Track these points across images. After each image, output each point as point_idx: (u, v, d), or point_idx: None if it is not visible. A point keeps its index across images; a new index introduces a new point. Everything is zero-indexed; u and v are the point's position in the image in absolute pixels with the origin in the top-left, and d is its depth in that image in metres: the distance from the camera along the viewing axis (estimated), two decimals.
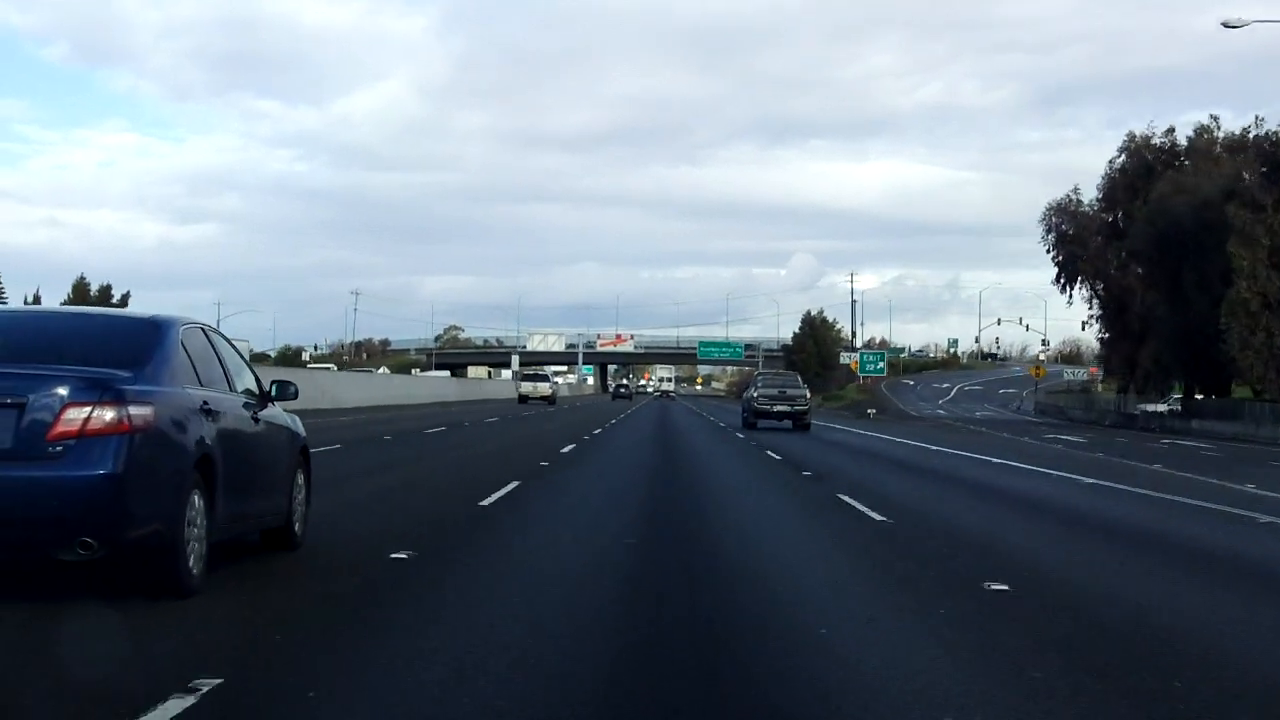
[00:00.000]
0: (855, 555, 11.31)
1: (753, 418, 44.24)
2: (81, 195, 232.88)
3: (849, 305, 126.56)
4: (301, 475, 10.33)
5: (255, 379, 9.77)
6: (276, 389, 9.97)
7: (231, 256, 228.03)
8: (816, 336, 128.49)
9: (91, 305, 61.26)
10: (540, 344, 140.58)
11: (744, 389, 63.33)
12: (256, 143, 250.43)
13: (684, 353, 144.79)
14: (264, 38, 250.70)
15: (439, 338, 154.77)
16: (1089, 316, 74.67)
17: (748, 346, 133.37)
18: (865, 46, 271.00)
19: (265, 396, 9.72)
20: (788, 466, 23.55)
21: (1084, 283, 72.97)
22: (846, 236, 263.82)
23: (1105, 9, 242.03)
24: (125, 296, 68.50)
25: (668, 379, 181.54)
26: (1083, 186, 73.67)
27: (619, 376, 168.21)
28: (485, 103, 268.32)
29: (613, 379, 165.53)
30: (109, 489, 7.08)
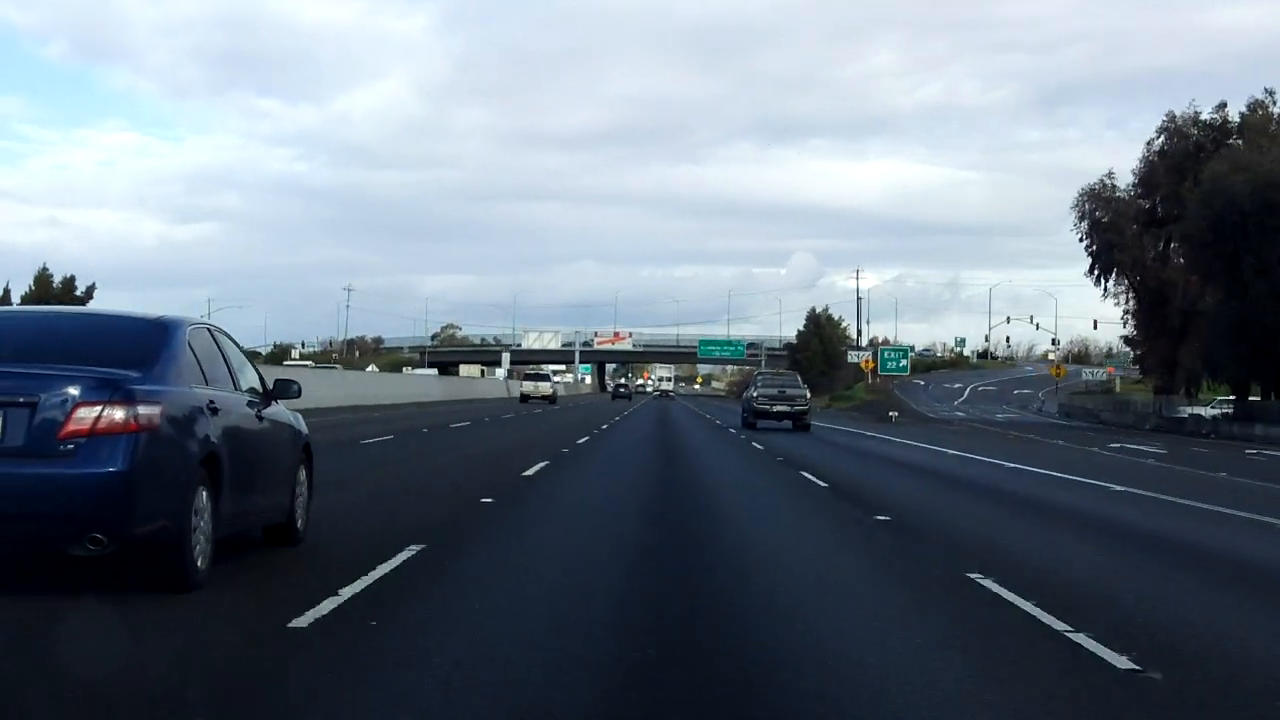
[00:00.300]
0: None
1: (752, 417, 44.38)
2: (81, 195, 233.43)
3: (850, 304, 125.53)
4: (304, 472, 10.51)
5: (259, 378, 9.95)
6: (279, 387, 10.14)
7: (231, 255, 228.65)
8: (822, 335, 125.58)
9: (53, 298, 61.36)
10: (536, 342, 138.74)
11: (744, 389, 63.09)
12: (256, 141, 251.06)
13: (684, 351, 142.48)
14: (264, 36, 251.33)
15: (435, 336, 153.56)
16: (1125, 311, 69.42)
17: (750, 345, 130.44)
18: (865, 46, 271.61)
19: (268, 395, 9.89)
20: (846, 501, 16.37)
21: (1119, 274, 67.60)
22: (846, 236, 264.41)
23: (1105, 9, 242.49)
24: (90, 289, 67.92)
25: (667, 378, 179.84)
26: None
27: (618, 376, 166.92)
28: (485, 102, 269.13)
29: (611, 378, 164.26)
30: (118, 486, 7.26)
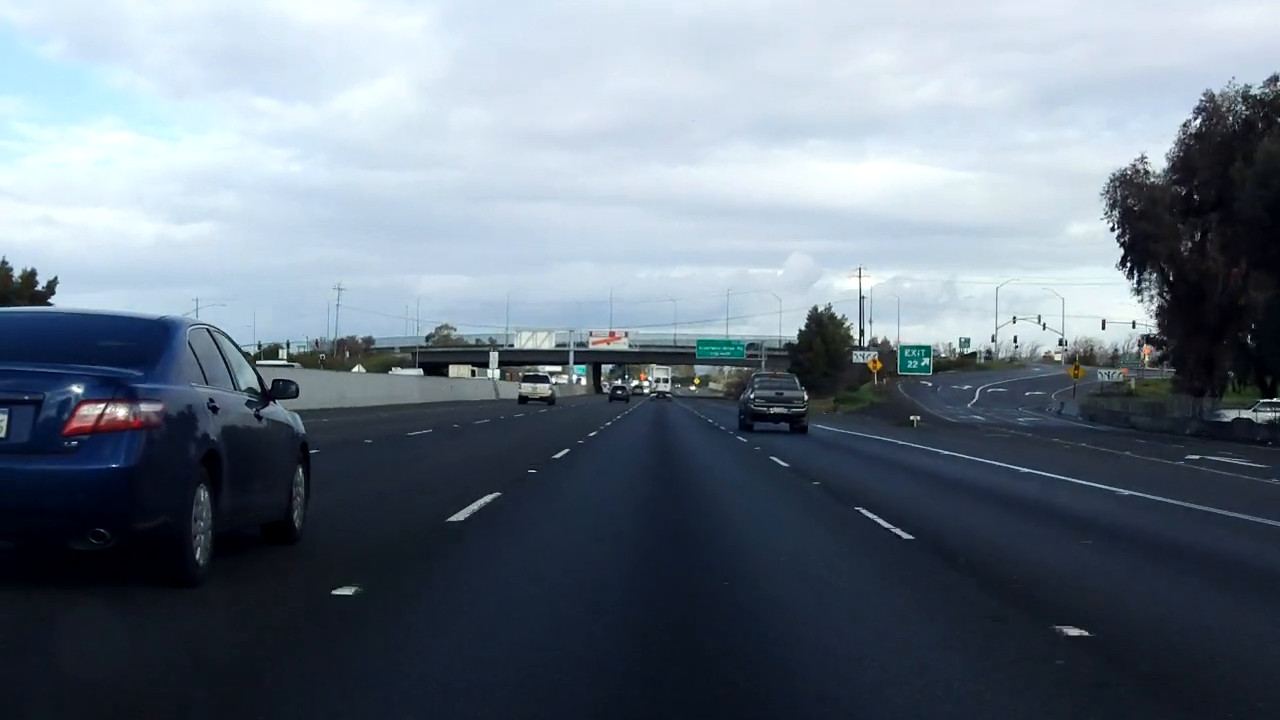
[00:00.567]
0: None
1: (749, 419, 44.55)
2: (79, 193, 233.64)
3: (848, 304, 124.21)
4: (301, 471, 10.65)
5: (257, 378, 10.12)
6: (277, 388, 10.30)
7: (228, 255, 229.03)
8: (825, 335, 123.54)
9: (14, 294, 61.20)
10: (529, 342, 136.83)
11: (742, 390, 62.98)
12: (253, 141, 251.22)
13: (681, 351, 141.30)
14: (262, 35, 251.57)
15: (430, 337, 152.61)
16: (1159, 308, 64.40)
17: (750, 345, 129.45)
18: (865, 46, 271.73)
19: (267, 394, 10.06)
20: (956, 571, 10.24)
21: (1152, 266, 62.28)
22: (844, 237, 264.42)
23: (1105, 9, 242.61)
24: (52, 283, 67.86)
25: (664, 379, 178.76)
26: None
27: (615, 376, 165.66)
28: (484, 101, 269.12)
29: (608, 379, 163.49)
30: (121, 482, 7.44)
